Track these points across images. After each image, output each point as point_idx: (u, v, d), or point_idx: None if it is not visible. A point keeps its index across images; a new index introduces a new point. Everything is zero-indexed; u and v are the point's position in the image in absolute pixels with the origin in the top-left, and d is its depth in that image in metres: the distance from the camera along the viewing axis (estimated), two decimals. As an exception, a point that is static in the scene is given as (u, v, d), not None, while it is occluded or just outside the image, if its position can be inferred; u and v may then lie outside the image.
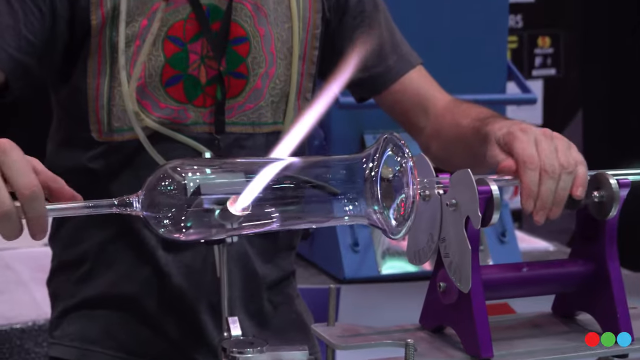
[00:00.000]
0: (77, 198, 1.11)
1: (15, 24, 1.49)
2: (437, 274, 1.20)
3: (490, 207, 1.15)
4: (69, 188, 1.10)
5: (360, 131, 2.75)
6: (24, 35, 1.49)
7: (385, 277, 2.63)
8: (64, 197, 1.10)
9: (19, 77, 1.50)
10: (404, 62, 1.70)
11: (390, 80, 1.69)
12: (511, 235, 2.79)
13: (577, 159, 1.26)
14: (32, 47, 1.51)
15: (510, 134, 1.30)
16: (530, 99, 2.90)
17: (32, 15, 1.50)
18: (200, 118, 1.58)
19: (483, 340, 1.14)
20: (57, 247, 1.70)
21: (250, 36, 1.59)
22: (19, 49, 1.49)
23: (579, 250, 1.27)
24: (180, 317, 1.63)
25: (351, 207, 1.13)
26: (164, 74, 1.56)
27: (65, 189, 1.10)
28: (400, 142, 1.12)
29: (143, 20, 1.54)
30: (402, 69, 1.69)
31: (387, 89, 1.69)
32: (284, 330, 1.72)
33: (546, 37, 4.28)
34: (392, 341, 1.19)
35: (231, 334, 1.34)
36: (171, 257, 1.61)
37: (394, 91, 1.69)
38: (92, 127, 1.57)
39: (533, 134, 1.28)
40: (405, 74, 1.69)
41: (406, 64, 1.70)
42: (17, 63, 1.49)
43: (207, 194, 1.09)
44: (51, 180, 1.09)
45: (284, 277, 1.73)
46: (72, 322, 1.66)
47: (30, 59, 1.51)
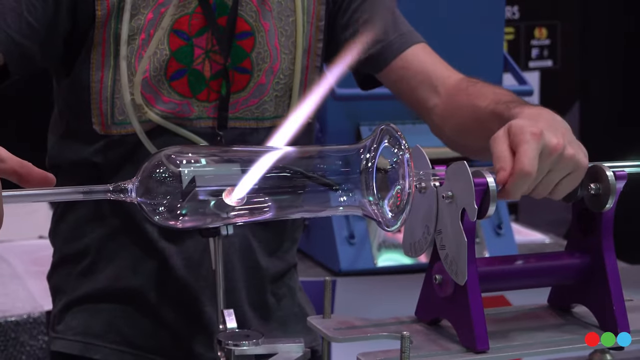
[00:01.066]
0: (49, 179, 1.07)
1: (18, 6, 1.49)
2: (433, 267, 1.20)
3: (486, 199, 1.14)
4: (38, 170, 1.06)
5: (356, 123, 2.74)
6: (24, 18, 1.49)
7: (381, 269, 2.63)
8: (34, 180, 1.06)
9: (17, 59, 1.49)
10: (405, 38, 1.64)
11: (392, 56, 1.63)
12: (507, 228, 2.78)
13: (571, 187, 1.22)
14: (33, 31, 1.50)
15: (522, 134, 1.19)
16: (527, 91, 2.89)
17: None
18: (204, 112, 1.57)
19: (479, 332, 1.14)
20: (58, 241, 1.70)
21: (255, 31, 1.58)
22: (20, 31, 1.49)
23: (576, 242, 1.27)
24: (184, 309, 1.63)
25: (346, 197, 1.13)
26: (168, 67, 1.56)
27: (35, 171, 1.06)
28: (397, 133, 1.11)
29: (149, 13, 1.54)
30: (403, 45, 1.63)
31: (389, 65, 1.63)
32: (287, 322, 1.72)
33: (543, 28, 4.27)
34: (388, 333, 1.19)
35: (227, 327, 1.34)
36: (174, 249, 1.61)
37: (396, 67, 1.63)
38: (94, 120, 1.57)
39: (543, 142, 1.19)
40: (406, 49, 1.63)
41: (408, 40, 1.64)
42: (16, 45, 1.49)
43: (202, 184, 1.09)
44: (18, 166, 1.05)
45: (287, 270, 1.73)
46: (75, 316, 1.66)
47: (31, 43, 1.50)
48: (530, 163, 1.17)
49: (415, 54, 1.63)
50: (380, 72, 1.65)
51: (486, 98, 1.46)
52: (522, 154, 1.17)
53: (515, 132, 1.20)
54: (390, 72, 1.64)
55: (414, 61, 1.62)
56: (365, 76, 1.70)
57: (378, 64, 1.64)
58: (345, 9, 1.65)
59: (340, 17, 1.65)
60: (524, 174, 1.17)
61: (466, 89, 1.55)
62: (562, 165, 1.20)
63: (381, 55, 1.63)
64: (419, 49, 1.64)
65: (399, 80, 1.64)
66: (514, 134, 1.20)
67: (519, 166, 1.17)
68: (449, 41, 2.75)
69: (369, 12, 1.64)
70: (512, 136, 1.21)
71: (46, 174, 1.07)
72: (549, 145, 1.19)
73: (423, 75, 1.61)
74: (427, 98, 1.60)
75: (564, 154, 1.20)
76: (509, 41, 4.16)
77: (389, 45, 1.63)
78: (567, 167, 1.21)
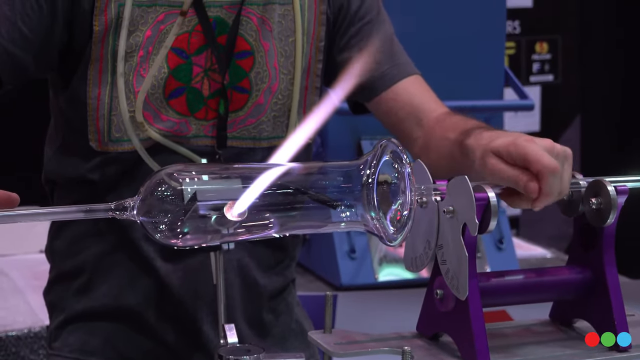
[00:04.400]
0: (13, 198, 1.06)
1: (12, 15, 1.49)
2: (434, 281, 1.20)
3: (487, 213, 1.14)
4: (1, 191, 1.06)
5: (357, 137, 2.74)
6: (18, 28, 1.49)
7: (382, 284, 2.63)
8: None
9: (9, 69, 1.49)
10: (398, 69, 1.65)
11: (383, 88, 1.64)
12: (508, 242, 2.79)
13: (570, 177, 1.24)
14: (27, 41, 1.50)
15: (518, 145, 1.22)
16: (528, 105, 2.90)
17: (30, 9, 1.50)
18: (201, 131, 1.57)
19: (480, 347, 1.14)
20: (54, 258, 1.69)
21: (254, 51, 1.58)
22: (12, 41, 1.48)
23: (577, 257, 1.27)
24: (181, 326, 1.62)
25: (348, 213, 1.13)
26: (167, 86, 1.55)
27: None
28: (399, 148, 1.11)
29: (147, 30, 1.53)
30: (395, 77, 1.65)
31: (379, 96, 1.65)
32: (284, 338, 1.72)
33: (544, 42, 4.28)
34: (389, 348, 1.19)
35: (227, 341, 1.33)
36: (171, 267, 1.60)
37: (386, 99, 1.65)
38: (91, 137, 1.56)
39: (540, 143, 1.23)
40: (398, 81, 1.64)
41: (400, 72, 1.65)
42: (8, 55, 1.48)
43: (203, 200, 1.09)
44: None
45: (285, 286, 1.72)
46: (72, 333, 1.65)
47: (24, 54, 1.50)
48: (549, 158, 1.20)
49: (406, 87, 1.65)
50: (369, 101, 1.67)
51: (456, 130, 1.47)
52: (535, 156, 1.20)
53: (505, 150, 1.23)
54: (380, 103, 1.66)
55: (404, 94, 1.64)
56: (356, 102, 1.71)
57: (369, 93, 1.66)
58: (344, 32, 1.65)
59: (338, 39, 1.65)
60: (552, 169, 1.19)
61: (443, 121, 1.57)
62: (561, 157, 1.22)
63: (372, 85, 1.64)
64: (411, 81, 1.66)
65: (387, 111, 1.66)
66: (506, 151, 1.23)
67: (542, 165, 1.19)
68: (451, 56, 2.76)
69: (366, 39, 1.65)
70: (507, 154, 1.23)
71: (9, 194, 1.06)
72: (544, 144, 1.22)
73: (410, 108, 1.63)
74: (412, 130, 1.63)
75: (556, 149, 1.23)
76: (510, 56, 4.17)
77: (381, 76, 1.65)
78: (565, 157, 1.23)
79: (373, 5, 1.66)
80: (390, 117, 1.66)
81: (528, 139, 1.23)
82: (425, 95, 1.65)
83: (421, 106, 1.63)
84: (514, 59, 4.21)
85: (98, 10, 1.52)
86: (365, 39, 1.64)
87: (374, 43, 1.64)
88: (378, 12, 1.67)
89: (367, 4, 1.66)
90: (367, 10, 1.66)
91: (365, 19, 1.65)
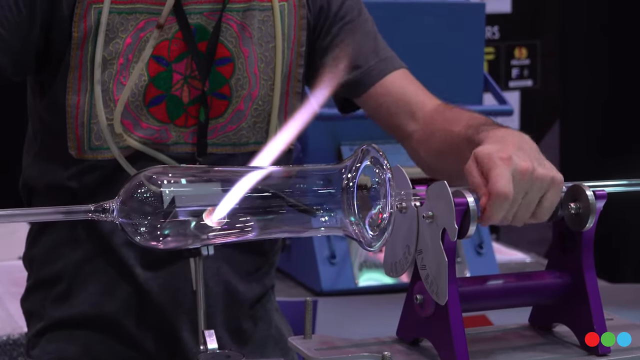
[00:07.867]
0: None
1: None
2: (414, 286, 1.20)
3: (466, 219, 1.15)
4: None
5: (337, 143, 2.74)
6: None
7: (363, 289, 2.63)
8: None
9: None
10: (385, 64, 1.65)
11: (371, 83, 1.63)
12: (488, 247, 2.79)
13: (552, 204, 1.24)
14: (4, 43, 1.49)
15: (490, 160, 1.22)
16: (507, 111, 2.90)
17: (9, 12, 1.49)
18: (181, 138, 1.57)
19: (460, 352, 1.14)
20: (32, 266, 1.68)
21: (234, 57, 1.57)
22: None
23: (556, 261, 1.27)
24: (160, 334, 1.62)
25: (328, 218, 1.13)
26: (147, 93, 1.54)
27: None
28: (379, 153, 1.12)
29: (127, 38, 1.53)
30: (383, 71, 1.64)
31: (368, 92, 1.64)
32: (264, 345, 1.71)
33: (523, 48, 4.29)
34: (369, 354, 1.19)
35: (207, 347, 1.33)
36: (150, 274, 1.60)
37: (375, 94, 1.64)
38: (70, 144, 1.56)
39: (514, 167, 1.21)
40: (386, 75, 1.64)
41: (388, 66, 1.64)
42: None
43: (183, 204, 1.08)
44: None
45: (264, 293, 1.72)
46: (51, 341, 1.64)
47: (0, 55, 1.49)
48: (504, 185, 1.19)
49: (394, 80, 1.64)
50: (359, 97, 1.66)
51: (460, 123, 1.47)
52: (495, 177, 1.19)
53: (482, 159, 1.23)
54: (370, 98, 1.65)
55: (393, 88, 1.63)
56: (344, 100, 1.71)
57: (357, 89, 1.65)
58: (325, 33, 1.65)
59: (320, 40, 1.65)
60: (501, 196, 1.19)
61: (442, 114, 1.57)
62: (537, 185, 1.22)
63: (361, 81, 1.64)
64: (399, 75, 1.65)
65: (378, 106, 1.65)
66: (482, 161, 1.23)
67: (494, 189, 1.19)
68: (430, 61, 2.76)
69: (349, 37, 1.64)
70: (481, 163, 1.23)
71: None
72: (519, 168, 1.21)
73: (402, 102, 1.63)
74: (406, 124, 1.62)
75: (535, 175, 1.22)
76: (489, 61, 4.18)
77: (368, 71, 1.64)
78: (542, 186, 1.22)
79: (354, 6, 1.66)
80: (381, 112, 1.65)
81: (505, 157, 1.21)
82: (415, 88, 1.64)
83: (413, 99, 1.62)
84: (493, 65, 4.22)
85: (77, 16, 1.52)
86: (348, 38, 1.64)
87: (357, 40, 1.64)
88: (359, 11, 1.67)
89: (347, 4, 1.65)
90: (347, 10, 1.65)
91: (345, 18, 1.65)
